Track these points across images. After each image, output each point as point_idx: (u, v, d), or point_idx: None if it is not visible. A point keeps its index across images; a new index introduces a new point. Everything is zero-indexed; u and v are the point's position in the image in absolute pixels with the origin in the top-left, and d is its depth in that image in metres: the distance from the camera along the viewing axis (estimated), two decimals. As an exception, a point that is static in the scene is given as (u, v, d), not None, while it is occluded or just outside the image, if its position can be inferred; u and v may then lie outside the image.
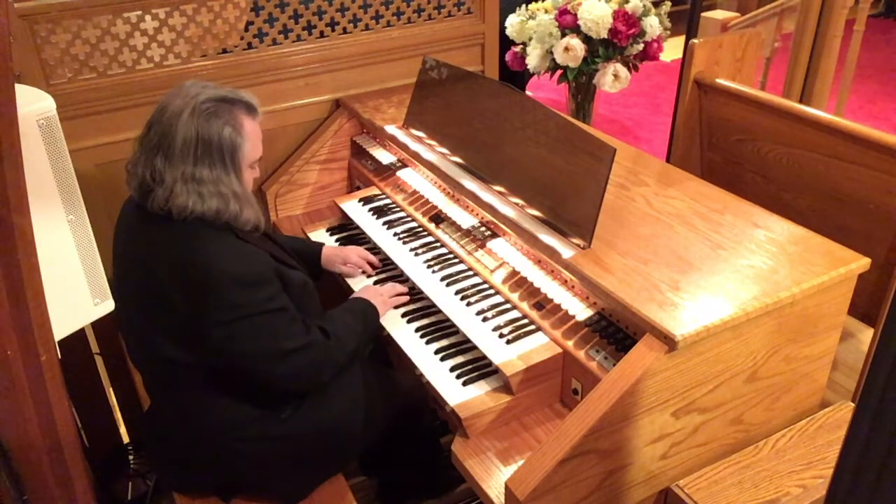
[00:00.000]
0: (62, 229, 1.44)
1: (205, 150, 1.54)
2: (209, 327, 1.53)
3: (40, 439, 1.30)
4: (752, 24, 3.57)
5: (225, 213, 1.56)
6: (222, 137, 1.55)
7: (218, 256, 1.53)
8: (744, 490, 1.49)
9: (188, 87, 1.59)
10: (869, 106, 5.22)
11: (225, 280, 1.51)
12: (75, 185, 1.50)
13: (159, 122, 1.56)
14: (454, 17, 2.64)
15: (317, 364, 1.64)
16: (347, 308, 1.83)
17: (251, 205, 1.62)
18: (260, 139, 1.66)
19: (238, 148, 1.58)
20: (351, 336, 1.73)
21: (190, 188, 1.53)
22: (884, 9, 7.18)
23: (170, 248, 1.55)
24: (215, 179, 1.55)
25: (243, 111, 1.60)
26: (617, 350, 1.51)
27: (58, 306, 1.33)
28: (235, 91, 1.63)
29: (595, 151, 1.66)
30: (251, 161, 1.64)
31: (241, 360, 1.57)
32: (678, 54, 3.18)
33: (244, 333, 1.54)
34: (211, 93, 1.57)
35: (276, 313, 1.57)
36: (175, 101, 1.56)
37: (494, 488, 1.48)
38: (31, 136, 1.34)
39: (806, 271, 1.51)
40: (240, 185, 1.60)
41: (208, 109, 1.54)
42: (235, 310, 1.52)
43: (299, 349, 1.60)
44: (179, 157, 1.53)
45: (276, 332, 1.57)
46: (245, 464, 1.68)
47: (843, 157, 2.04)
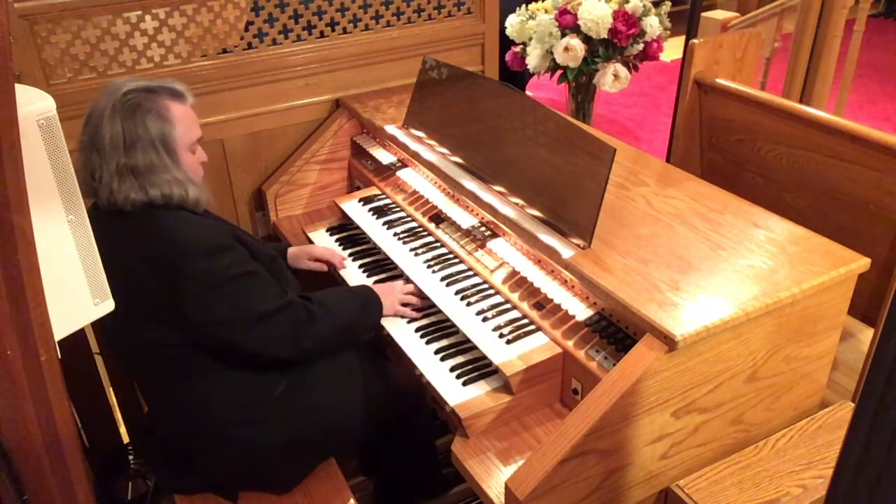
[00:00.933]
0: (62, 229, 1.44)
1: (132, 141, 1.56)
2: (185, 301, 1.55)
3: (40, 439, 1.30)
4: (752, 24, 3.57)
5: (170, 196, 1.59)
6: (148, 126, 1.57)
7: (177, 231, 1.57)
8: (744, 490, 1.49)
9: (112, 85, 1.62)
10: (869, 106, 5.22)
11: (189, 251, 1.54)
12: (75, 185, 1.49)
13: (88, 122, 1.60)
14: (454, 17, 2.64)
15: (295, 327, 1.65)
16: (349, 289, 1.86)
17: (197, 187, 1.65)
18: (195, 121, 1.68)
19: (168, 133, 1.60)
20: (342, 311, 1.74)
21: (129, 182, 1.56)
22: (884, 9, 7.18)
23: (130, 238, 1.58)
24: (150, 167, 1.58)
25: (167, 97, 1.62)
26: (617, 350, 1.51)
27: (58, 306, 1.33)
28: (161, 80, 1.66)
29: (595, 151, 1.66)
30: (188, 143, 1.66)
31: (219, 328, 1.59)
32: (678, 54, 3.18)
33: (218, 300, 1.57)
34: (132, 85, 1.60)
35: (247, 277, 1.60)
36: (100, 100, 1.60)
37: (494, 488, 1.48)
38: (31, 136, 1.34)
39: (806, 271, 1.51)
40: (179, 170, 1.62)
41: (129, 101, 1.57)
42: (205, 277, 1.55)
43: (276, 311, 1.62)
44: (111, 152, 1.56)
45: (250, 295, 1.60)
46: (241, 450, 1.69)
47: (843, 157, 2.04)
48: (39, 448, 1.31)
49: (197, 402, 1.67)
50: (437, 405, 1.68)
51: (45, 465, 1.33)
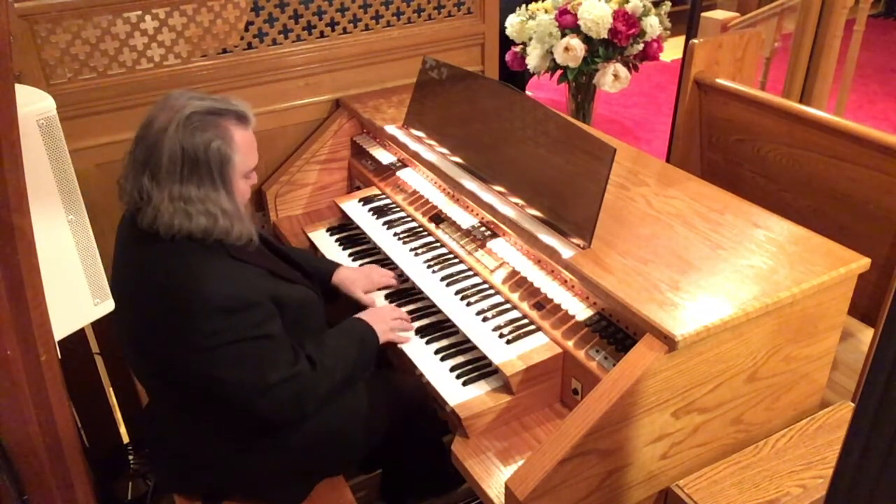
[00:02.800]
0: (62, 229, 1.44)
1: (192, 167, 1.49)
2: (190, 352, 1.48)
3: (40, 439, 1.30)
4: (752, 24, 3.57)
5: (213, 231, 1.51)
6: (210, 152, 1.49)
7: (202, 279, 1.48)
8: (744, 490, 1.49)
9: (174, 99, 1.53)
10: (869, 106, 5.22)
11: (208, 305, 1.46)
12: (75, 185, 1.49)
13: (145, 137, 1.51)
14: (454, 17, 2.64)
15: (299, 397, 1.57)
16: (346, 330, 1.76)
17: (242, 220, 1.56)
18: (254, 148, 1.61)
19: (228, 161, 1.52)
20: (341, 364, 1.67)
21: (177, 206, 1.48)
22: (884, 9, 7.18)
23: (155, 270, 1.51)
24: (203, 198, 1.50)
25: (233, 121, 1.54)
26: (617, 350, 1.51)
27: (58, 306, 1.33)
28: (225, 99, 1.57)
29: (595, 151, 1.66)
30: (244, 172, 1.58)
31: (220, 389, 1.50)
32: (678, 54, 3.18)
33: (226, 361, 1.49)
34: (197, 104, 1.51)
35: (262, 340, 1.51)
36: (161, 114, 1.51)
37: (494, 488, 1.48)
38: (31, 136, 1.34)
39: (806, 271, 1.51)
40: (229, 202, 1.54)
41: (194, 123, 1.48)
42: (218, 336, 1.47)
43: (283, 381, 1.53)
44: (166, 175, 1.48)
45: (261, 362, 1.51)
46: (242, 472, 1.68)
47: (843, 157, 2.04)
48: (39, 448, 1.31)
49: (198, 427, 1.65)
50: (437, 405, 1.68)
51: (45, 465, 1.33)
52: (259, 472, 1.67)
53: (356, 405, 1.76)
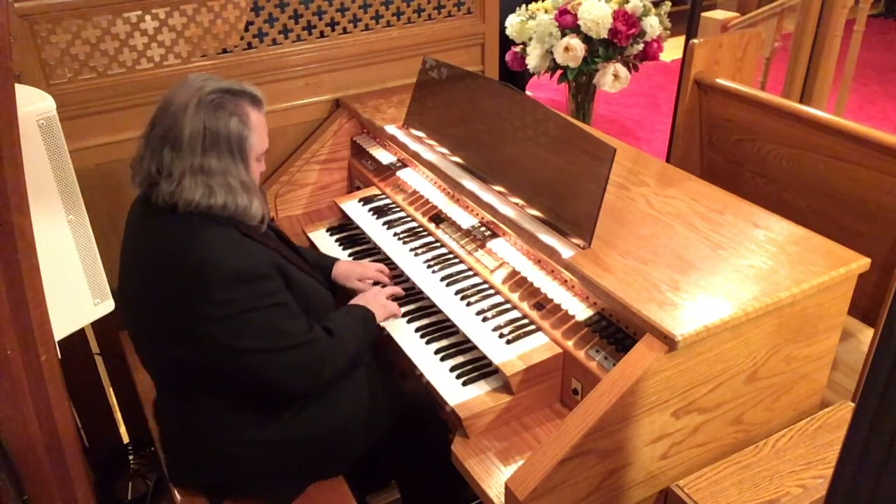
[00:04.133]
0: (62, 229, 1.44)
1: (213, 141, 1.53)
2: (205, 323, 1.51)
3: (40, 439, 1.30)
4: (752, 24, 3.57)
5: (232, 206, 1.55)
6: (230, 128, 1.55)
7: (215, 250, 1.52)
8: (744, 490, 1.49)
9: (192, 80, 1.58)
10: (869, 106, 5.22)
11: (220, 274, 1.50)
12: (75, 185, 1.50)
13: (164, 115, 1.55)
14: (454, 17, 2.64)
15: (317, 362, 1.62)
16: (347, 312, 1.82)
17: (259, 197, 1.62)
18: (266, 131, 1.66)
19: (245, 139, 1.57)
20: (352, 338, 1.72)
21: (199, 180, 1.52)
22: (884, 9, 7.19)
23: (169, 241, 1.55)
24: (223, 170, 1.54)
25: (248, 102, 1.60)
26: (617, 350, 1.51)
27: (58, 306, 1.33)
28: (240, 83, 1.63)
29: (595, 151, 1.66)
30: (258, 153, 1.64)
31: (239, 356, 1.55)
32: (678, 54, 3.19)
33: (241, 329, 1.53)
34: (215, 84, 1.57)
35: (274, 308, 1.56)
36: (179, 94, 1.55)
37: (494, 488, 1.48)
38: (31, 136, 1.34)
39: (806, 271, 1.51)
40: (248, 176, 1.60)
41: (214, 101, 1.54)
42: (231, 305, 1.51)
43: (298, 346, 1.58)
44: (188, 149, 1.52)
45: (274, 329, 1.56)
46: (243, 467, 1.68)
47: (843, 157, 2.04)
48: (39, 448, 1.31)
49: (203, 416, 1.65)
50: (438, 405, 1.68)
51: (45, 465, 1.33)
52: (256, 467, 1.68)
53: (358, 401, 1.76)
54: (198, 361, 1.58)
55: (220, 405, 1.64)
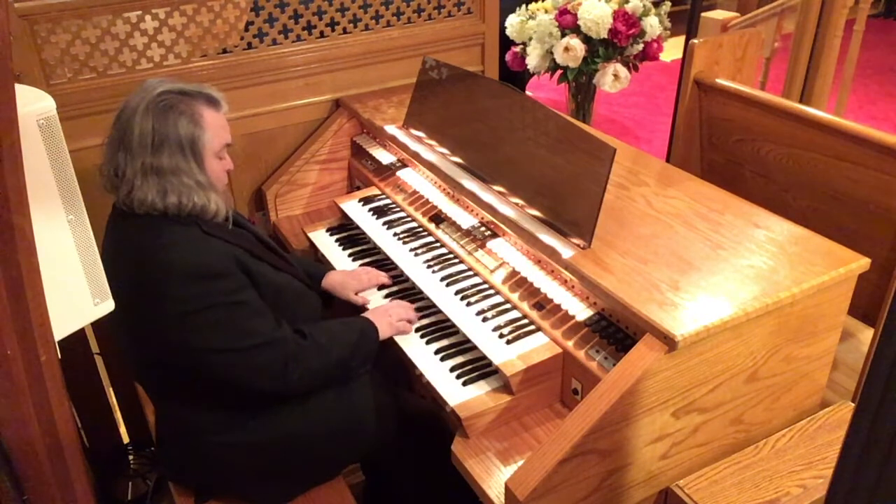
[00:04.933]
0: (62, 229, 1.44)
1: (161, 140, 1.55)
2: (163, 322, 1.52)
3: (40, 439, 1.30)
4: (752, 24, 3.57)
5: (188, 205, 1.56)
6: (179, 128, 1.56)
7: (171, 248, 1.52)
8: (744, 490, 1.49)
9: (147, 84, 1.60)
10: (869, 106, 5.22)
11: (177, 272, 1.50)
12: (75, 185, 1.49)
13: (119, 119, 1.58)
14: (454, 17, 2.64)
15: (285, 361, 1.60)
16: (345, 321, 1.79)
17: (217, 193, 1.62)
18: (225, 129, 1.66)
19: (197, 138, 1.58)
20: (336, 347, 1.68)
21: (151, 181, 1.54)
22: (884, 9, 7.19)
23: (130, 243, 1.57)
24: (175, 169, 1.55)
25: (203, 103, 1.61)
26: (617, 350, 1.51)
27: (58, 306, 1.33)
28: (198, 85, 1.64)
29: (595, 151, 1.66)
30: (216, 150, 1.63)
31: (199, 355, 1.54)
32: (678, 54, 3.18)
33: (199, 327, 1.52)
34: (168, 86, 1.59)
35: (233, 306, 1.55)
36: (134, 97, 1.58)
37: (494, 488, 1.48)
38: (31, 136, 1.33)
39: (806, 271, 1.51)
40: (203, 174, 1.60)
41: (163, 101, 1.56)
42: (187, 302, 1.51)
43: (262, 344, 1.57)
44: (138, 149, 1.54)
45: (234, 327, 1.55)
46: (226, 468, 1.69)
47: (843, 157, 2.04)
48: (39, 448, 1.31)
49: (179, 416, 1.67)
50: (437, 405, 1.68)
51: (45, 465, 1.33)
52: (238, 468, 1.69)
53: (346, 412, 1.75)
54: (168, 363, 1.58)
55: (199, 406, 1.65)
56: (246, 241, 1.68)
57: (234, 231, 1.66)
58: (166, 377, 1.63)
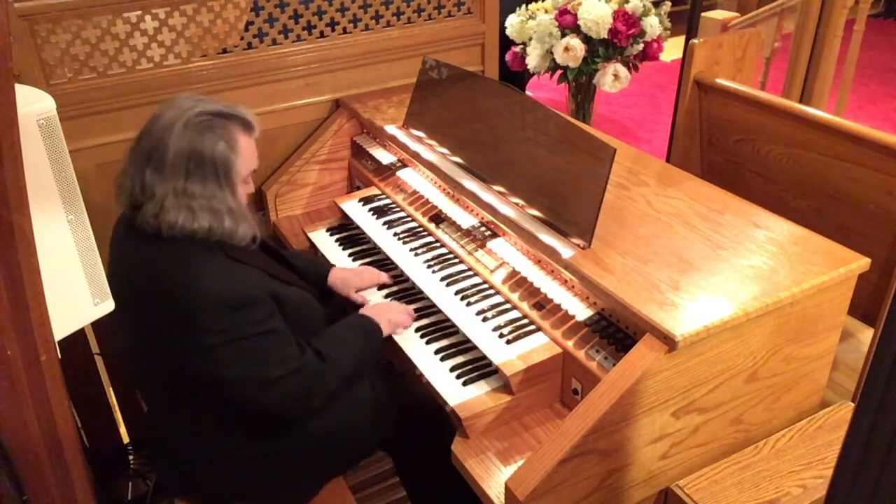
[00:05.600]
0: (62, 229, 1.44)
1: (197, 164, 1.49)
2: (193, 352, 1.48)
3: (40, 439, 1.30)
4: (752, 24, 3.58)
5: (218, 231, 1.51)
6: (216, 152, 1.50)
7: (204, 278, 1.48)
8: (744, 490, 1.49)
9: (183, 99, 1.55)
10: (869, 106, 5.22)
11: (210, 303, 1.46)
12: (75, 185, 1.49)
13: (150, 132, 1.51)
14: (454, 17, 2.64)
15: (307, 389, 1.58)
16: (348, 325, 1.77)
17: (246, 220, 1.57)
18: (255, 156, 1.62)
19: (232, 164, 1.53)
20: (347, 357, 1.67)
21: (181, 203, 1.48)
22: (884, 9, 7.19)
23: (156, 269, 1.51)
24: (208, 195, 1.51)
25: (239, 127, 1.56)
26: (617, 350, 1.51)
27: (58, 306, 1.33)
28: (233, 106, 1.59)
29: (595, 151, 1.66)
30: (244, 176, 1.60)
31: (226, 386, 1.51)
32: (678, 54, 3.18)
33: (230, 358, 1.49)
34: (206, 106, 1.53)
35: (265, 336, 1.52)
36: (168, 112, 1.52)
37: (494, 488, 1.48)
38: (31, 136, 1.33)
39: (806, 271, 1.51)
40: (234, 201, 1.55)
41: (202, 122, 1.50)
42: (221, 334, 1.47)
43: (289, 374, 1.54)
44: (171, 170, 1.48)
45: (265, 357, 1.52)
46: (244, 477, 1.67)
47: (843, 157, 2.04)
48: (39, 448, 1.31)
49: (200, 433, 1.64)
50: (438, 405, 1.68)
51: (45, 465, 1.33)
52: (262, 475, 1.67)
53: (355, 410, 1.75)
54: (187, 387, 1.56)
55: (214, 422, 1.63)
56: (263, 262, 1.65)
57: (253, 252, 1.63)
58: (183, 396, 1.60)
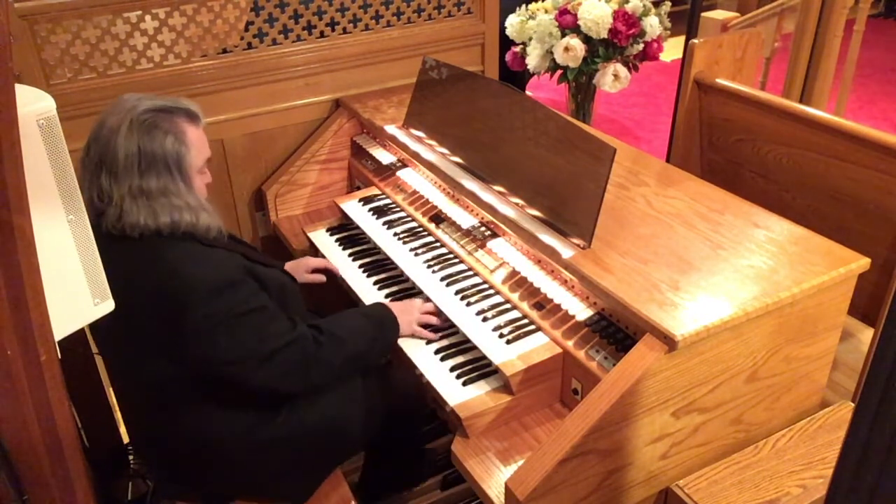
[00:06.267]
0: (62, 229, 1.44)
1: (149, 162, 1.50)
2: (190, 339, 1.50)
3: (40, 439, 1.30)
4: (752, 24, 3.57)
5: (181, 224, 1.53)
6: (165, 148, 1.52)
7: (185, 267, 1.50)
8: (744, 490, 1.49)
9: (125, 101, 1.55)
10: (869, 106, 5.22)
11: (197, 289, 1.48)
12: (75, 185, 1.49)
13: (98, 139, 1.52)
14: (454, 17, 2.64)
15: (304, 361, 1.60)
16: (365, 312, 1.80)
17: (206, 211, 1.59)
18: (206, 144, 1.63)
19: (183, 157, 1.54)
20: (353, 339, 1.69)
21: (140, 203, 1.50)
22: (884, 9, 7.19)
23: (134, 270, 1.52)
24: (164, 190, 1.52)
25: (184, 118, 1.57)
26: (617, 350, 1.51)
27: (58, 306, 1.33)
28: (175, 99, 1.60)
29: (595, 151, 1.66)
30: (199, 167, 1.61)
31: (226, 367, 1.53)
32: (678, 54, 3.18)
33: (225, 339, 1.51)
34: (148, 104, 1.54)
35: (255, 313, 1.54)
36: (112, 116, 1.52)
37: (494, 488, 1.48)
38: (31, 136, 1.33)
39: (806, 271, 1.51)
40: (191, 194, 1.57)
41: (147, 121, 1.51)
42: (212, 318, 1.49)
43: (284, 346, 1.56)
44: (124, 172, 1.50)
45: (258, 333, 1.54)
46: (244, 470, 1.68)
47: (843, 157, 2.04)
48: (39, 448, 1.31)
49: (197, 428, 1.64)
50: (437, 405, 1.68)
51: (45, 465, 1.33)
52: (259, 468, 1.68)
53: (353, 394, 1.76)
54: (185, 377, 1.57)
55: (213, 416, 1.63)
56: (239, 247, 1.68)
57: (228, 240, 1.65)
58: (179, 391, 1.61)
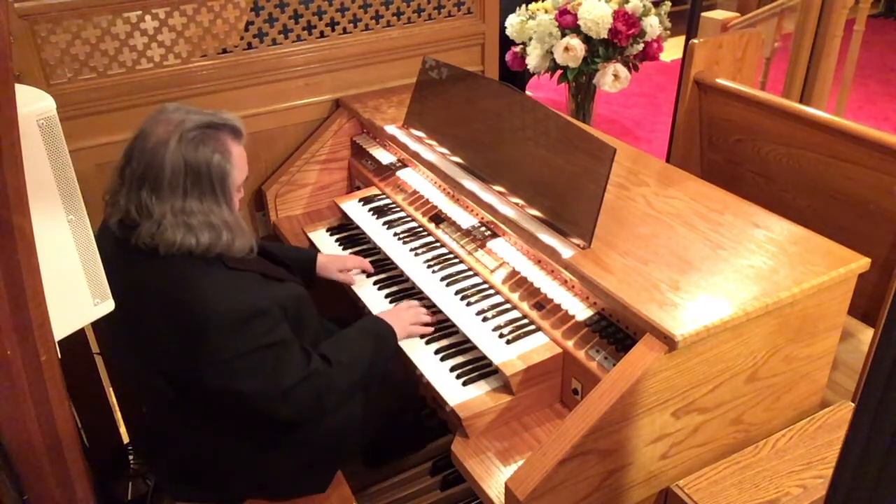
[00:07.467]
0: (62, 229, 1.44)
1: (195, 180, 1.48)
2: (206, 368, 1.48)
3: (40, 439, 1.30)
4: (752, 24, 3.57)
5: (217, 246, 1.50)
6: (212, 166, 1.49)
7: (209, 294, 1.47)
8: (744, 490, 1.49)
9: (170, 113, 1.52)
10: (869, 106, 5.22)
11: (219, 319, 1.45)
12: (75, 185, 1.49)
13: (143, 150, 1.48)
14: (454, 17, 2.64)
15: (318, 395, 1.59)
16: (361, 328, 1.78)
17: (243, 231, 1.56)
18: (246, 163, 1.61)
19: (227, 175, 1.52)
20: (358, 361, 1.68)
21: (179, 221, 1.47)
22: (884, 9, 7.19)
23: (158, 288, 1.50)
24: (206, 210, 1.49)
25: (230, 136, 1.55)
26: (617, 350, 1.51)
27: (58, 306, 1.33)
28: (219, 114, 1.57)
29: (595, 151, 1.66)
30: (238, 185, 1.59)
31: (239, 398, 1.52)
32: (678, 54, 3.18)
33: (242, 372, 1.49)
34: (196, 118, 1.51)
35: (274, 347, 1.52)
36: (157, 127, 1.49)
37: (494, 488, 1.48)
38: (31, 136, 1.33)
39: (806, 271, 1.51)
40: (230, 214, 1.54)
41: (196, 137, 1.48)
42: (232, 349, 1.47)
43: (299, 383, 1.54)
44: (168, 189, 1.47)
45: (275, 368, 1.52)
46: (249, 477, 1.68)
47: (843, 157, 2.04)
48: (39, 448, 1.31)
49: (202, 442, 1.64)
50: (437, 405, 1.68)
51: (45, 465, 1.33)
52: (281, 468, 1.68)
53: (359, 403, 1.77)
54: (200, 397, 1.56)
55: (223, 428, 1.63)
56: (259, 265, 1.64)
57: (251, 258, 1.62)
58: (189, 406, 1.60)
